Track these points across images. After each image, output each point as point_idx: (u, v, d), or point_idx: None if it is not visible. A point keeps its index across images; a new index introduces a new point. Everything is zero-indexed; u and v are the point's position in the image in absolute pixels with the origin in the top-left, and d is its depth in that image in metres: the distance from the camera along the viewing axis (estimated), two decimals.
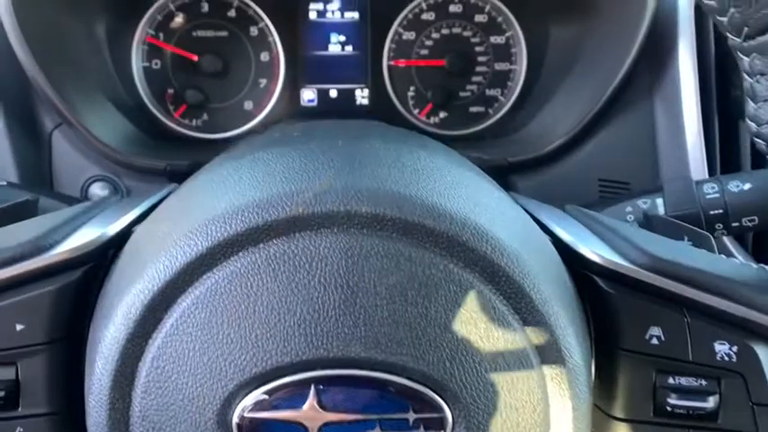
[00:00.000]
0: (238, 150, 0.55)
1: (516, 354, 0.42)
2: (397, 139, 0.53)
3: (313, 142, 0.48)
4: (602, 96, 0.90)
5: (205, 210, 0.43)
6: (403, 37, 1.11)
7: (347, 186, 0.42)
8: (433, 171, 0.46)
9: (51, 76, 0.84)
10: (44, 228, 0.49)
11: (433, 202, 0.42)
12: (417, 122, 1.13)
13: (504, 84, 1.13)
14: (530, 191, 0.95)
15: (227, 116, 1.10)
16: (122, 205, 0.56)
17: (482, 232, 0.42)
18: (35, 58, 0.82)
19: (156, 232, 0.45)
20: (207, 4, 1.07)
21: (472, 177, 0.49)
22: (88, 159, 0.91)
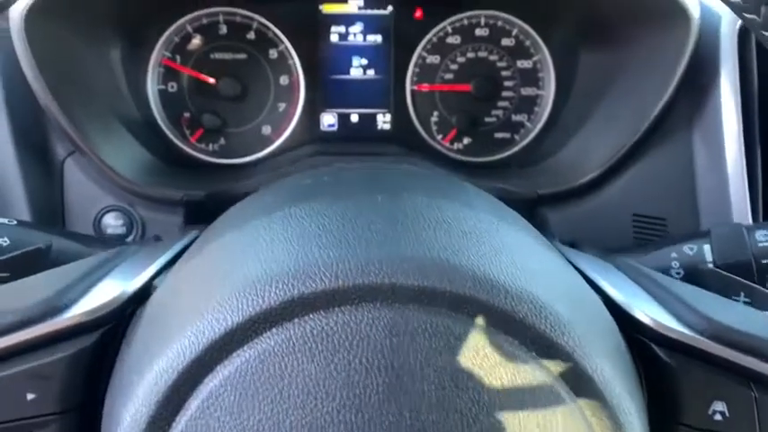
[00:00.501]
0: (267, 197, 0.52)
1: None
2: (440, 191, 0.49)
3: (350, 198, 0.44)
4: (639, 127, 0.86)
5: (234, 277, 0.39)
6: (427, 61, 1.07)
7: (391, 255, 0.38)
8: (482, 233, 0.42)
9: (64, 103, 0.81)
10: (58, 285, 0.46)
11: (486, 272, 0.38)
12: (440, 148, 1.09)
13: (531, 109, 1.09)
14: (560, 225, 0.91)
15: (244, 141, 1.07)
16: (142, 256, 0.52)
17: (540, 307, 0.38)
18: (47, 86, 0.79)
19: (180, 298, 0.42)
20: (225, 26, 1.04)
21: (522, 237, 0.45)
22: (101, 189, 0.88)
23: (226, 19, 1.03)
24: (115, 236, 0.88)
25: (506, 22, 1.06)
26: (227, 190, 0.90)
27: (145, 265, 0.50)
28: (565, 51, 1.06)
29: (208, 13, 1.02)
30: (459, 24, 1.06)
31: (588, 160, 0.92)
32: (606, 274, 0.52)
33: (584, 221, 0.90)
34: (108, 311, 0.44)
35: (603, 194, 0.90)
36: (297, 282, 0.37)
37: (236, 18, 1.03)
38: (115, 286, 0.47)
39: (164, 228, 0.88)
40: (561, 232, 0.90)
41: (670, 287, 0.51)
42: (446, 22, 1.06)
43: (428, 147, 1.09)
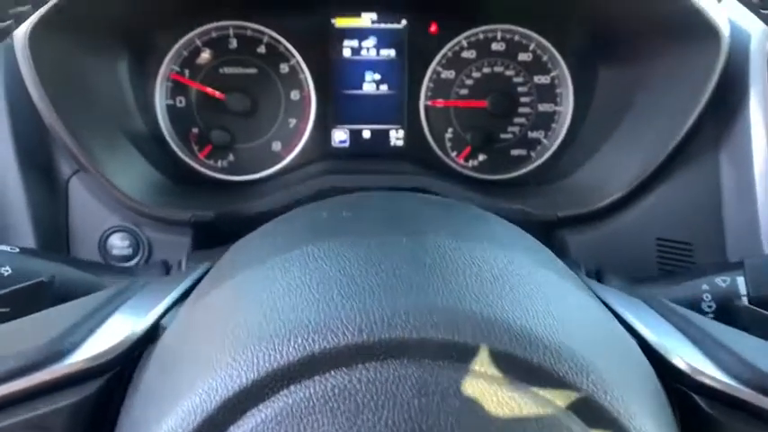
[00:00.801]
0: (281, 230, 0.49)
1: None
2: (465, 226, 0.46)
3: (372, 238, 0.42)
4: (664, 148, 0.82)
5: (249, 327, 0.36)
6: (441, 76, 1.04)
7: (418, 306, 0.35)
8: (513, 276, 0.39)
9: (69, 121, 0.79)
10: (60, 327, 0.43)
11: (522, 324, 0.35)
12: (455, 165, 1.06)
13: (548, 126, 1.06)
14: (580, 248, 0.88)
15: (254, 157, 1.04)
16: (149, 292, 0.49)
17: (580, 364, 0.35)
18: (52, 104, 0.76)
19: (190, 345, 0.39)
20: (235, 39, 1.01)
21: (554, 278, 0.42)
22: (107, 208, 0.85)
23: (236, 33, 1.01)
24: (121, 257, 0.85)
25: (523, 36, 1.04)
26: (236, 210, 0.88)
27: (152, 303, 0.47)
28: (583, 66, 1.03)
29: (217, 26, 1.00)
30: (474, 39, 1.04)
31: (610, 181, 0.89)
32: (639, 313, 0.49)
33: (605, 245, 0.87)
34: (113, 356, 0.42)
35: (626, 217, 0.87)
36: (317, 335, 0.34)
37: (247, 32, 1.01)
38: (121, 327, 0.44)
39: (171, 249, 0.86)
40: (581, 256, 0.87)
41: (707, 328, 0.48)
42: (461, 37, 1.03)
43: (442, 164, 1.06)
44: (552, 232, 0.92)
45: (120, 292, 0.49)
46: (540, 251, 0.48)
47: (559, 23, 1.02)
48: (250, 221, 0.90)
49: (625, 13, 0.89)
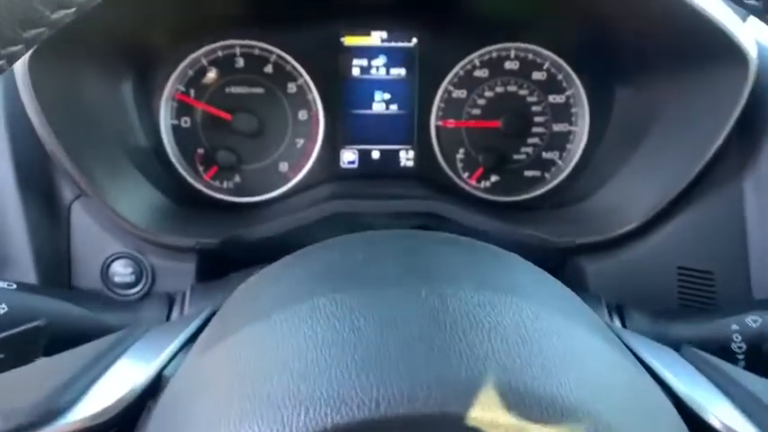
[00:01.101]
0: (290, 273, 0.46)
1: None
2: (488, 274, 0.43)
3: (388, 290, 0.39)
4: (687, 175, 0.79)
5: (257, 394, 0.33)
6: (453, 95, 1.02)
7: (441, 376, 0.32)
8: (543, 337, 0.37)
9: (71, 146, 0.76)
10: (56, 381, 0.40)
11: (555, 394, 0.32)
12: (466, 187, 1.03)
13: (563, 146, 1.03)
14: (598, 276, 0.85)
15: (260, 178, 1.01)
16: (150, 342, 0.46)
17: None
18: (52, 130, 0.74)
19: (193, 405, 0.36)
20: (242, 59, 0.99)
21: (585, 335, 0.39)
22: (110, 234, 0.83)
23: (242, 52, 0.98)
24: (123, 284, 0.83)
25: (537, 54, 1.01)
26: (241, 236, 0.85)
27: (154, 353, 0.45)
28: (599, 86, 1.00)
29: (224, 45, 0.97)
30: (487, 57, 1.01)
31: (628, 207, 0.86)
32: (672, 366, 0.46)
33: (624, 273, 0.84)
34: (112, 415, 0.39)
35: (646, 245, 0.83)
36: (330, 409, 0.31)
37: (254, 51, 0.98)
38: (121, 380, 0.42)
39: (175, 277, 0.83)
40: (600, 284, 0.84)
41: (742, 382, 0.45)
42: (474, 55, 1.00)
43: (453, 185, 1.03)
44: (569, 259, 0.89)
45: (120, 341, 0.46)
46: (566, 298, 0.46)
47: (575, 41, 0.99)
48: (256, 247, 0.88)
49: (643, 33, 0.86)
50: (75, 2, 0.35)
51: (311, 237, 0.89)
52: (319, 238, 0.90)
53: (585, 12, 0.88)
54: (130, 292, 0.83)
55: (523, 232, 0.86)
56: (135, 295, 0.83)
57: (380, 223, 0.90)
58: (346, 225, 0.89)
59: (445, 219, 0.88)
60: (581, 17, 0.91)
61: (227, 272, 0.83)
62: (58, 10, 0.35)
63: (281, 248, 0.90)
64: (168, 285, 0.83)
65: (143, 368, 0.43)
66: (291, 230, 0.86)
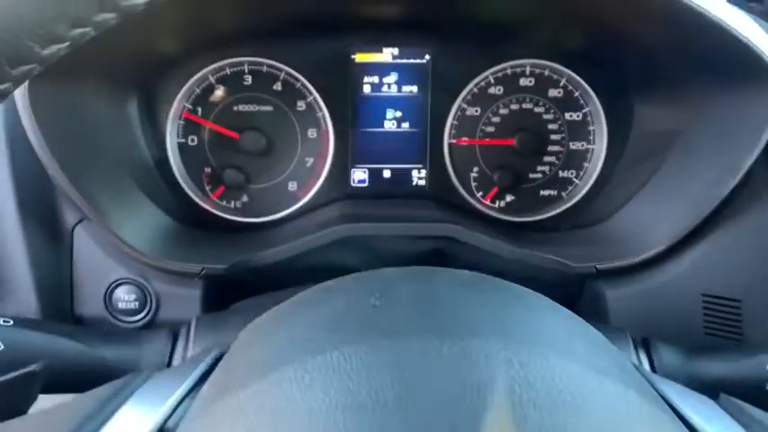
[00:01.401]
0: (301, 318, 0.43)
1: None
2: (515, 324, 0.40)
3: (408, 344, 0.36)
4: (713, 199, 0.76)
5: None
6: (467, 113, 0.99)
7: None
8: (577, 401, 0.33)
9: (72, 169, 0.73)
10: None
11: None
12: (481, 207, 1.00)
13: (580, 165, 1.00)
14: (619, 303, 0.81)
15: (269, 198, 0.99)
16: (152, 389, 0.44)
17: None
18: (53, 153, 0.71)
19: None
20: (250, 76, 0.96)
21: (621, 392, 0.36)
22: (113, 259, 0.80)
23: (251, 69, 0.96)
24: (127, 311, 0.80)
25: (553, 71, 0.98)
26: (249, 261, 0.82)
27: (156, 403, 0.42)
28: (617, 103, 0.97)
29: (232, 62, 0.95)
30: (501, 74, 0.98)
31: (651, 230, 0.83)
32: (715, 421, 0.42)
33: (646, 301, 0.80)
34: None
35: (669, 271, 0.80)
36: None
37: (263, 68, 0.96)
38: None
39: (181, 303, 0.80)
40: (619, 311, 0.81)
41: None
42: (488, 72, 0.97)
43: (467, 205, 1.00)
44: (587, 282, 0.85)
45: (122, 388, 0.43)
46: (596, 346, 0.42)
47: (592, 57, 0.96)
48: (264, 272, 0.85)
49: (665, 49, 0.83)
50: (67, 36, 0.32)
51: (321, 260, 0.87)
52: (329, 263, 0.88)
53: (605, 28, 0.85)
54: (134, 320, 0.81)
55: (541, 256, 0.83)
56: (139, 322, 0.81)
57: (392, 247, 0.87)
58: (357, 249, 0.86)
59: (459, 242, 0.85)
60: (601, 34, 0.88)
61: (235, 297, 0.81)
62: (50, 45, 0.32)
63: (290, 272, 0.88)
64: (173, 312, 0.81)
65: (145, 420, 0.40)
66: (300, 255, 0.83)
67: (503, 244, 0.84)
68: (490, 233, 0.88)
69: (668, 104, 0.90)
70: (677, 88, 0.87)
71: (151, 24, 0.79)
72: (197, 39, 0.91)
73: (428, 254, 0.87)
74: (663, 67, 0.87)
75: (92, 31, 0.34)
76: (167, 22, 0.83)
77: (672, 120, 0.89)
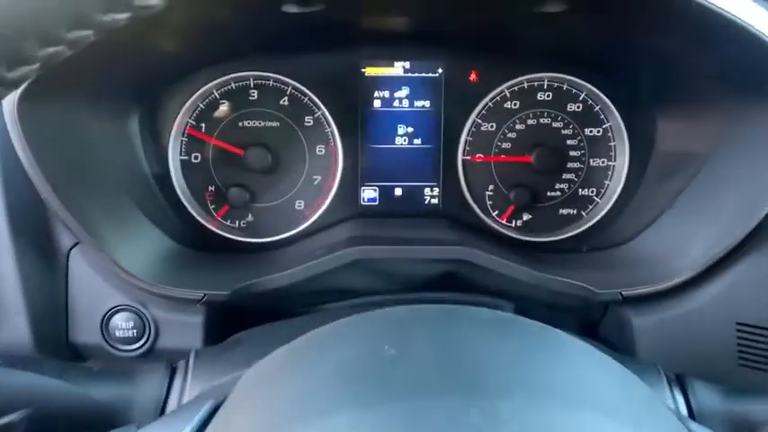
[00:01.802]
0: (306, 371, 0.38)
1: None
2: (546, 376, 0.35)
3: (429, 403, 0.31)
4: (747, 221, 0.71)
5: None
6: (481, 128, 0.94)
7: None
8: None
9: (66, 192, 0.70)
10: None
11: None
12: (497, 226, 0.96)
13: (601, 183, 0.95)
14: (647, 332, 0.76)
15: (275, 217, 0.95)
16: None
17: None
18: (45, 175, 0.67)
19: None
20: (256, 91, 0.92)
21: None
22: (110, 284, 0.76)
23: (257, 83, 0.92)
24: (124, 339, 0.76)
25: (572, 84, 0.93)
26: (252, 286, 0.78)
27: None
28: (640, 117, 0.92)
29: (237, 77, 0.91)
30: (518, 88, 0.94)
31: (679, 254, 0.78)
32: None
33: (676, 330, 0.75)
34: None
35: (700, 297, 0.75)
36: None
37: (269, 82, 0.92)
38: None
39: (181, 331, 0.76)
40: (647, 342, 0.76)
41: None
42: (504, 86, 0.93)
43: (482, 224, 0.96)
44: (611, 308, 0.81)
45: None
46: (634, 395, 0.38)
47: (612, 70, 0.91)
48: (269, 297, 0.81)
49: (687, 58, 0.78)
50: (64, 39, 0.29)
51: (329, 284, 0.83)
52: (337, 286, 0.83)
53: (624, 35, 0.81)
54: (132, 348, 0.77)
55: (562, 280, 0.78)
56: (137, 351, 0.76)
57: (404, 270, 0.82)
58: (367, 272, 0.81)
59: (475, 265, 0.80)
60: (623, 45, 0.83)
61: (240, 323, 0.77)
62: (46, 47, 0.29)
63: (297, 297, 0.84)
64: (173, 340, 0.77)
65: None
66: (306, 279, 0.79)
67: (521, 267, 0.80)
68: (507, 255, 0.83)
69: (694, 119, 0.85)
70: (703, 101, 0.82)
71: (155, 37, 0.76)
72: (201, 52, 0.87)
73: (442, 277, 0.83)
74: (687, 79, 0.82)
75: (92, 35, 0.31)
76: (172, 34, 0.79)
77: (698, 135, 0.84)
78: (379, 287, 0.83)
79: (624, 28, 0.75)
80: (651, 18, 0.69)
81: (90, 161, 0.77)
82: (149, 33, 0.73)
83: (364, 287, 0.83)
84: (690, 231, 0.79)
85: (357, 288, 0.83)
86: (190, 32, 0.79)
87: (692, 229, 0.79)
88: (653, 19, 0.70)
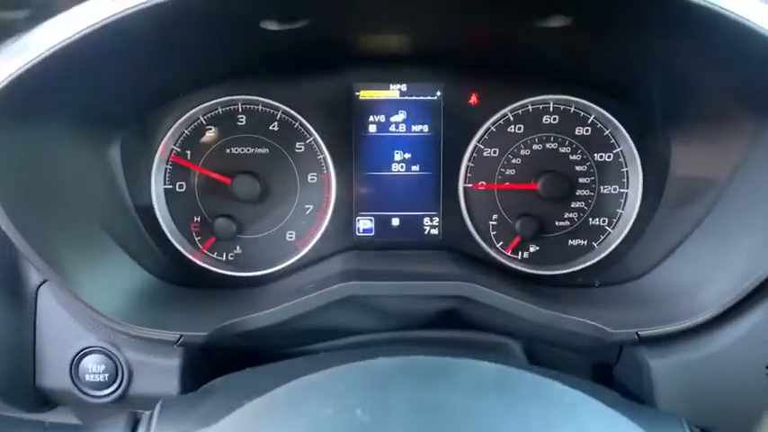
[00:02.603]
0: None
1: None
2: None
3: None
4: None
5: None
6: (484, 154, 0.89)
7: None
8: None
9: (32, 225, 0.64)
10: None
11: None
12: (501, 258, 0.90)
13: (613, 211, 0.89)
14: (667, 375, 0.69)
15: (264, 249, 0.89)
16: None
17: None
18: (8, 210, 0.62)
19: None
20: (244, 116, 0.87)
21: None
22: (80, 323, 0.70)
23: (245, 108, 0.87)
24: (95, 384, 0.70)
25: (579, 107, 0.88)
26: (233, 327, 0.71)
27: None
28: (652, 141, 0.86)
29: (225, 101, 0.87)
30: (522, 111, 0.88)
31: (700, 290, 0.71)
32: None
33: (697, 373, 0.68)
34: None
35: (725, 338, 0.68)
36: None
37: (258, 107, 0.87)
38: None
39: (156, 375, 0.70)
40: (667, 386, 0.69)
41: None
42: (507, 109, 0.88)
43: (486, 257, 0.90)
44: (626, 348, 0.74)
45: None
46: None
47: (623, 91, 0.86)
48: (253, 338, 0.75)
49: (704, 74, 0.72)
50: None
51: (319, 323, 0.77)
52: (328, 325, 0.77)
53: (639, 56, 0.75)
54: (103, 394, 0.70)
55: (573, 319, 0.72)
56: (108, 397, 0.70)
57: (401, 308, 0.76)
58: (361, 309, 0.75)
59: (478, 302, 0.74)
60: (632, 63, 0.77)
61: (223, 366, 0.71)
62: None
63: (283, 337, 0.77)
64: (148, 385, 0.71)
65: None
66: (294, 318, 0.72)
67: (527, 305, 0.73)
68: (512, 290, 0.77)
69: (711, 142, 0.79)
70: (720, 122, 0.77)
71: (138, 60, 0.71)
72: (186, 75, 0.83)
73: (442, 314, 0.76)
74: (702, 98, 0.77)
75: None
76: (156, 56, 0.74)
77: (717, 159, 0.78)
78: (373, 326, 0.77)
79: (633, 43, 0.70)
80: (661, 31, 0.63)
81: (61, 191, 0.72)
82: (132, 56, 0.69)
83: (358, 326, 0.77)
84: (711, 264, 0.73)
85: (350, 327, 0.77)
86: (172, 54, 0.75)
87: (714, 261, 0.73)
88: (663, 32, 0.65)
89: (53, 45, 0.57)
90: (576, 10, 0.64)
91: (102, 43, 0.58)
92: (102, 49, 0.59)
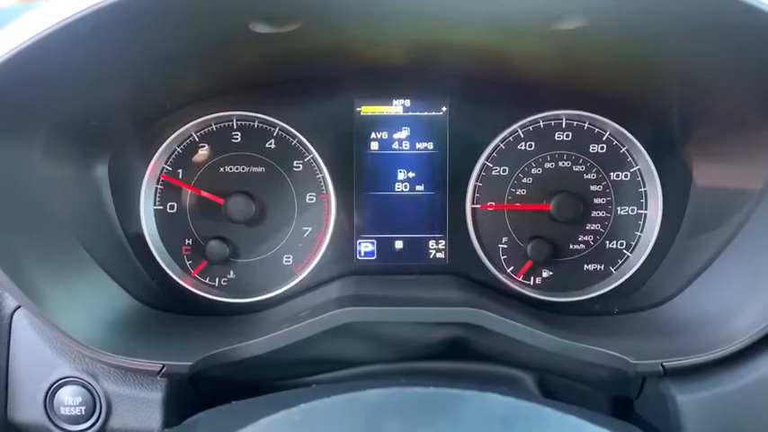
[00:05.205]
0: None
1: None
2: None
3: None
4: None
5: None
6: (493, 173, 0.85)
7: None
8: None
9: (4, 247, 0.59)
10: None
11: None
12: (512, 284, 0.84)
13: (631, 234, 0.84)
14: (695, 411, 0.63)
15: (259, 274, 0.85)
16: None
17: None
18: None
19: None
20: (239, 132, 0.84)
21: None
22: (56, 352, 0.65)
23: (240, 124, 0.84)
24: (70, 418, 0.65)
25: (594, 123, 0.83)
26: (219, 357, 0.66)
27: None
28: (672, 159, 0.81)
29: (219, 117, 0.83)
30: (532, 127, 0.84)
31: (728, 318, 0.66)
32: None
33: (729, 408, 0.63)
34: None
35: (758, 370, 0.62)
36: None
37: (253, 123, 0.84)
38: None
39: (137, 409, 0.65)
40: (697, 423, 0.62)
41: None
42: (516, 125, 0.84)
43: (496, 282, 0.84)
44: (649, 380, 0.67)
45: None
46: None
47: (640, 105, 0.81)
48: (242, 368, 0.69)
49: (731, 88, 0.67)
50: None
51: (315, 352, 0.71)
52: (325, 354, 0.71)
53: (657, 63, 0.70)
54: (79, 429, 0.65)
55: (591, 348, 0.66)
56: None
57: (405, 336, 0.71)
58: (359, 338, 0.70)
59: (487, 330, 0.68)
60: (650, 72, 0.73)
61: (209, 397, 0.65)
62: None
63: (274, 367, 0.72)
64: (127, 419, 0.66)
65: None
66: (285, 348, 0.67)
67: (540, 333, 0.67)
68: (524, 318, 0.72)
69: (735, 159, 0.75)
70: (744, 138, 0.72)
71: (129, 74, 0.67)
72: (177, 89, 0.79)
73: (448, 343, 0.71)
74: (724, 112, 0.71)
75: None
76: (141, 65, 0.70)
77: (741, 177, 0.74)
78: (373, 356, 0.72)
79: (652, 48, 0.65)
80: (684, 31, 0.59)
81: (39, 211, 0.68)
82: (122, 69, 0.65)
83: (356, 356, 0.72)
84: (740, 290, 0.67)
85: (347, 357, 0.71)
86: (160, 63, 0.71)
87: (743, 287, 0.67)
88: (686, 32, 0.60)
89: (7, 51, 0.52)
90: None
91: (64, 46, 0.53)
92: (65, 53, 0.55)
